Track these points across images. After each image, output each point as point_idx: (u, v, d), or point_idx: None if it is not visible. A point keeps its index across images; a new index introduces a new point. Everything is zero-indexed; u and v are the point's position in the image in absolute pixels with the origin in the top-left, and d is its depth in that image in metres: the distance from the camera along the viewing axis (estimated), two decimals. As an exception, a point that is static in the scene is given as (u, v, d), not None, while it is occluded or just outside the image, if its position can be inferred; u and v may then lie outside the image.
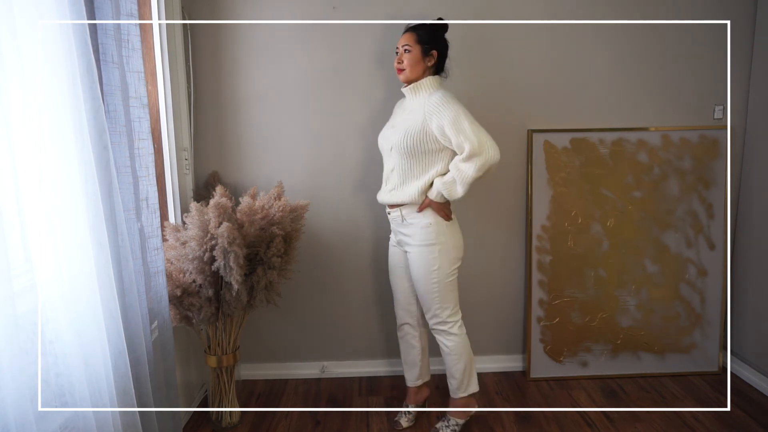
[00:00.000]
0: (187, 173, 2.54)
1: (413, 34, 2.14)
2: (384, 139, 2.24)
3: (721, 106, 2.71)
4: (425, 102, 2.10)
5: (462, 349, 2.22)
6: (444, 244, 2.15)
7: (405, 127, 2.12)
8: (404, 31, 2.17)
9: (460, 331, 2.22)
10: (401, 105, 2.29)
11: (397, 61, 2.16)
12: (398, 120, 2.21)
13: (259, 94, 2.59)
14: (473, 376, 2.28)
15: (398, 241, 2.27)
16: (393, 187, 2.19)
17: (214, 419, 2.40)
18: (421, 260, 2.16)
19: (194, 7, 2.51)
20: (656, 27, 2.61)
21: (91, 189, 1.41)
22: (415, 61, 2.12)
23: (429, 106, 2.07)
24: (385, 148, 2.22)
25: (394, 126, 2.21)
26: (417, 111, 2.12)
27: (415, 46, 2.12)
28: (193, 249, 2.03)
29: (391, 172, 2.20)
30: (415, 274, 2.20)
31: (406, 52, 2.13)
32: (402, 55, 2.14)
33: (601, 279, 2.76)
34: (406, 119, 2.15)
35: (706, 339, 2.80)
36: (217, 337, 2.30)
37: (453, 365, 2.24)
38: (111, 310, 1.49)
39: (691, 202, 2.73)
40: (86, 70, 1.41)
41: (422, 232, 2.15)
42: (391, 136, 2.18)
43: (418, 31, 2.14)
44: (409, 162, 2.13)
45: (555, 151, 2.67)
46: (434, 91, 2.13)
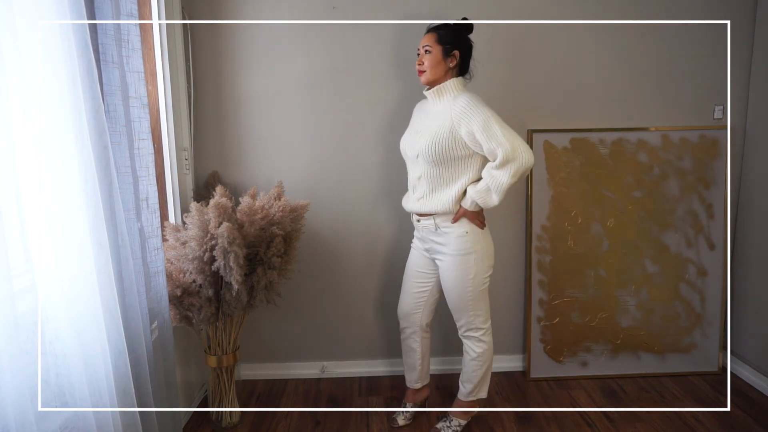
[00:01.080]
0: (187, 173, 2.54)
1: (434, 34, 2.07)
2: (408, 145, 2.15)
3: (721, 106, 2.71)
4: (450, 106, 2.02)
5: (488, 356, 2.23)
6: (479, 252, 2.11)
7: (431, 133, 2.03)
8: (426, 31, 2.11)
9: (489, 338, 2.22)
10: (422, 108, 2.21)
11: (418, 62, 2.09)
12: (422, 125, 2.12)
13: (259, 94, 2.59)
14: (487, 384, 2.29)
15: (428, 249, 2.20)
16: (421, 196, 2.12)
17: (214, 419, 2.40)
18: (456, 269, 2.11)
19: (194, 7, 2.51)
20: (656, 27, 2.61)
21: (91, 189, 1.41)
22: (436, 62, 2.04)
23: (456, 111, 1.99)
24: (410, 155, 2.14)
25: (417, 132, 2.12)
26: (442, 115, 2.03)
27: (436, 46, 2.04)
28: (193, 249, 2.03)
29: (418, 180, 2.12)
30: (450, 283, 2.14)
31: (426, 53, 2.06)
32: (422, 56, 2.07)
33: (601, 279, 2.76)
34: (432, 125, 2.05)
35: (706, 339, 2.80)
36: (217, 337, 2.30)
37: (474, 371, 2.23)
38: (111, 310, 1.49)
39: (691, 202, 2.73)
40: (86, 70, 1.41)
41: (458, 241, 2.09)
42: (416, 143, 2.09)
43: (440, 30, 2.06)
44: (437, 169, 2.05)
45: (555, 151, 2.68)
46: (459, 93, 2.04)
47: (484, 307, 2.19)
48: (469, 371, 2.25)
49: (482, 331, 2.20)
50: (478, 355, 2.22)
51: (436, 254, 2.18)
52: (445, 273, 2.15)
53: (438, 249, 2.15)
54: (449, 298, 2.19)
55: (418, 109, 2.24)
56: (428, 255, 2.23)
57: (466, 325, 2.20)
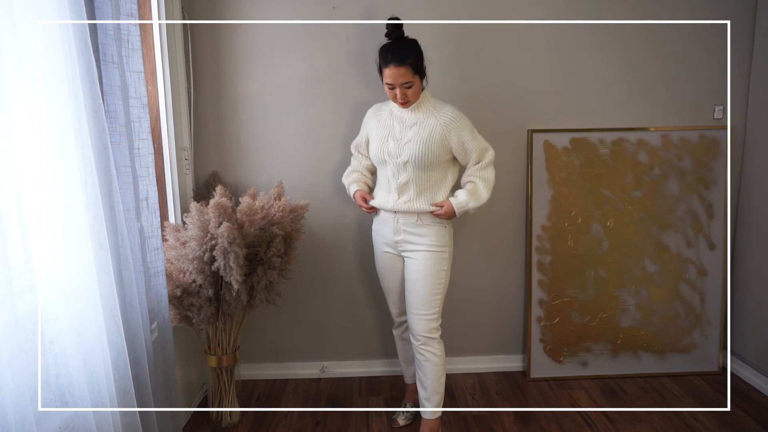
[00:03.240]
0: (187, 173, 2.54)
1: (407, 68, 2.01)
2: (392, 152, 2.14)
3: (721, 106, 2.71)
4: (436, 115, 2.10)
5: (444, 359, 2.20)
6: (450, 249, 2.20)
7: (422, 141, 2.08)
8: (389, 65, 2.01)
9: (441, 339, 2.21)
10: (390, 116, 2.19)
11: (401, 98, 2.06)
12: (405, 133, 2.13)
13: (259, 93, 2.59)
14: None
15: (398, 242, 2.19)
16: (409, 199, 2.15)
17: (214, 419, 2.40)
18: (431, 261, 2.13)
19: (194, 7, 2.51)
20: (656, 27, 2.61)
21: (91, 189, 1.41)
22: (418, 90, 2.08)
23: (445, 120, 2.09)
24: (396, 161, 2.13)
25: (400, 139, 2.13)
26: (428, 124, 2.10)
27: (414, 77, 2.04)
28: (193, 249, 2.03)
29: (405, 185, 2.14)
30: (422, 275, 2.14)
31: (408, 88, 2.04)
32: (403, 92, 2.05)
33: (601, 279, 2.76)
34: (420, 133, 2.09)
35: (706, 339, 2.80)
36: (217, 337, 2.30)
37: (439, 377, 2.19)
38: (111, 310, 1.49)
39: (691, 202, 2.73)
40: (86, 70, 1.41)
41: (438, 234, 2.15)
42: (404, 150, 2.11)
43: (409, 61, 2.01)
44: (426, 174, 2.12)
45: (555, 151, 2.67)
46: (436, 102, 2.14)
47: (441, 306, 2.19)
48: (434, 380, 2.18)
49: (439, 331, 2.18)
50: (439, 358, 2.17)
51: (408, 247, 2.18)
52: (417, 265, 2.15)
53: (413, 241, 2.16)
54: (417, 292, 2.15)
55: (383, 116, 2.21)
56: (394, 252, 2.24)
57: (427, 325, 2.14)
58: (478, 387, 2.72)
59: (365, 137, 2.31)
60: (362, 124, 2.35)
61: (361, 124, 2.35)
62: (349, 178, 2.39)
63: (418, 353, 2.19)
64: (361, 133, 2.35)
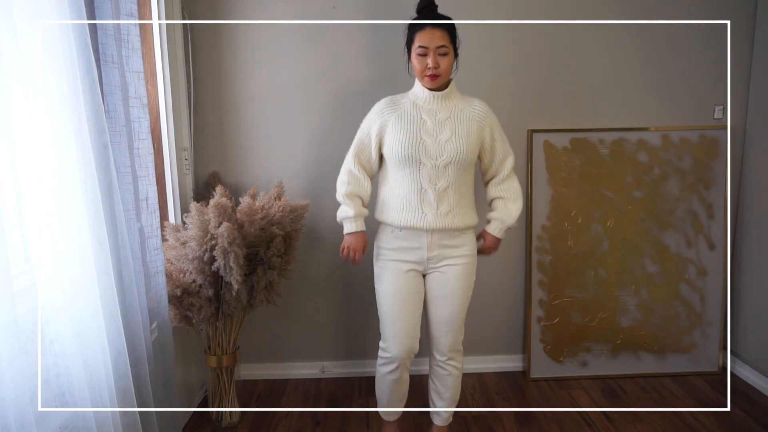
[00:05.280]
0: (187, 173, 2.54)
1: (446, 32, 1.78)
2: (429, 152, 1.84)
3: (721, 106, 2.71)
4: (468, 108, 1.90)
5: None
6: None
7: (462, 137, 1.85)
8: (424, 27, 1.78)
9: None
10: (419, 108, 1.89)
11: (433, 65, 1.78)
12: (444, 128, 1.86)
13: (259, 93, 2.59)
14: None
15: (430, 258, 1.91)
16: (449, 209, 1.87)
17: (214, 419, 2.40)
18: (467, 273, 1.94)
19: (194, 7, 2.51)
20: (656, 27, 2.61)
21: (91, 189, 1.41)
22: (450, 64, 1.81)
23: (479, 113, 1.89)
24: (434, 163, 1.84)
25: (436, 135, 1.85)
26: (464, 118, 1.88)
27: (450, 46, 1.79)
28: (193, 249, 2.03)
29: (444, 192, 1.86)
30: (458, 291, 1.93)
31: (443, 56, 1.79)
32: (436, 59, 1.78)
33: (601, 279, 2.76)
34: (459, 128, 1.86)
35: (706, 339, 2.80)
36: (217, 337, 2.30)
37: (458, 387, 2.08)
38: (111, 310, 1.49)
39: (691, 202, 2.73)
40: (86, 70, 1.41)
41: (472, 241, 1.97)
42: (447, 149, 1.83)
43: (450, 28, 1.79)
44: (463, 177, 1.89)
45: (555, 151, 2.68)
46: (465, 96, 1.94)
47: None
48: (455, 392, 2.06)
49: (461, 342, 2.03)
50: (459, 371, 2.05)
51: (443, 261, 1.93)
52: (454, 279, 1.92)
53: (449, 255, 1.92)
54: (452, 306, 1.94)
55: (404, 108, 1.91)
56: (420, 270, 1.96)
57: (458, 338, 1.99)
58: (478, 387, 2.72)
59: (375, 139, 1.93)
60: (366, 123, 1.97)
61: (365, 124, 1.98)
62: (352, 203, 1.96)
63: (440, 368, 2.03)
64: (366, 134, 1.96)
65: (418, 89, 1.91)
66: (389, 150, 1.90)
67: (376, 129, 1.93)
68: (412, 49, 1.84)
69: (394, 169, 1.92)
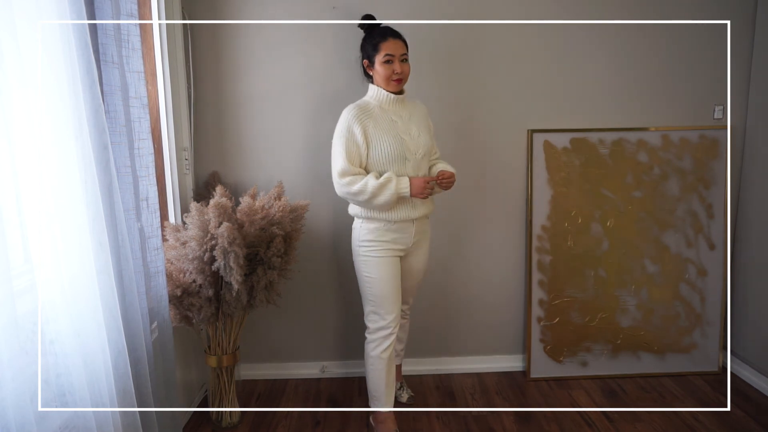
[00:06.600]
0: (187, 173, 2.54)
1: (403, 42, 2.07)
2: (410, 149, 2.08)
3: (721, 106, 2.71)
4: (419, 107, 2.22)
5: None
6: None
7: (425, 132, 2.17)
8: (387, 38, 2.04)
9: None
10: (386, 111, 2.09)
11: (399, 70, 2.04)
12: (410, 127, 2.12)
13: (259, 93, 2.59)
14: None
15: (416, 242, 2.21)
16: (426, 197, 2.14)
17: (214, 419, 2.40)
18: (429, 249, 2.32)
19: (194, 7, 2.51)
20: (656, 27, 2.61)
21: (91, 189, 1.41)
22: (409, 70, 2.11)
23: (424, 110, 2.24)
24: (416, 156, 2.10)
25: (409, 132, 2.10)
26: (417, 115, 2.19)
27: (407, 55, 2.08)
28: (193, 249, 2.03)
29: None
30: (423, 265, 2.31)
31: (404, 62, 2.06)
32: (400, 66, 2.04)
33: (601, 279, 2.76)
34: (420, 125, 2.17)
35: (706, 339, 2.80)
36: (217, 337, 2.30)
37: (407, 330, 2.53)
38: (111, 310, 1.49)
39: (691, 202, 2.73)
40: (86, 70, 1.41)
41: (429, 223, 2.30)
42: (421, 143, 2.11)
43: (403, 38, 2.08)
44: (426, 166, 2.20)
45: (555, 151, 2.68)
46: (412, 98, 2.24)
47: None
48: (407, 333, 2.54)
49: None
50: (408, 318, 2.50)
51: (418, 244, 2.24)
52: (422, 257, 2.29)
53: (423, 238, 2.26)
54: (421, 276, 2.34)
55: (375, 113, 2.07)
56: (403, 253, 2.20)
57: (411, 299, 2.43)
58: (478, 387, 2.72)
59: (363, 144, 2.05)
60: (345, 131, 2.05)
61: (344, 132, 2.05)
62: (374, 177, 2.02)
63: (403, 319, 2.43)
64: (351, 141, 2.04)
65: (382, 94, 2.11)
66: (378, 151, 2.06)
67: (360, 133, 2.04)
68: (377, 58, 2.06)
69: (380, 169, 2.09)
